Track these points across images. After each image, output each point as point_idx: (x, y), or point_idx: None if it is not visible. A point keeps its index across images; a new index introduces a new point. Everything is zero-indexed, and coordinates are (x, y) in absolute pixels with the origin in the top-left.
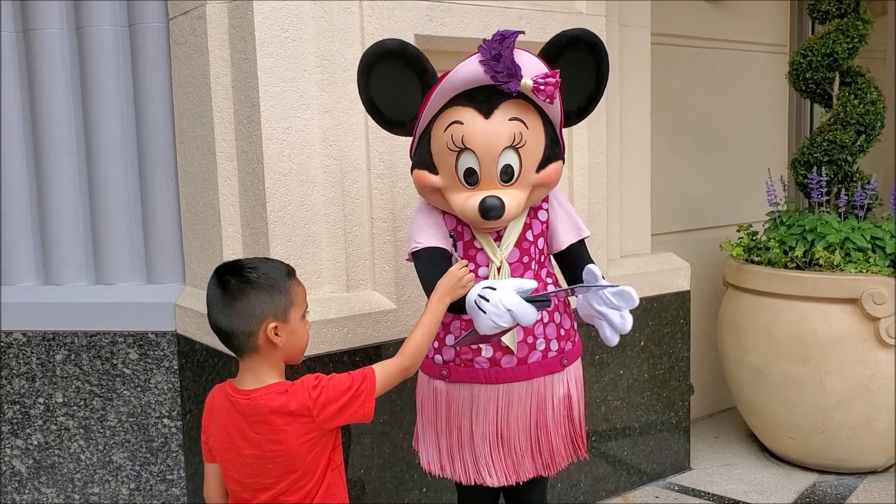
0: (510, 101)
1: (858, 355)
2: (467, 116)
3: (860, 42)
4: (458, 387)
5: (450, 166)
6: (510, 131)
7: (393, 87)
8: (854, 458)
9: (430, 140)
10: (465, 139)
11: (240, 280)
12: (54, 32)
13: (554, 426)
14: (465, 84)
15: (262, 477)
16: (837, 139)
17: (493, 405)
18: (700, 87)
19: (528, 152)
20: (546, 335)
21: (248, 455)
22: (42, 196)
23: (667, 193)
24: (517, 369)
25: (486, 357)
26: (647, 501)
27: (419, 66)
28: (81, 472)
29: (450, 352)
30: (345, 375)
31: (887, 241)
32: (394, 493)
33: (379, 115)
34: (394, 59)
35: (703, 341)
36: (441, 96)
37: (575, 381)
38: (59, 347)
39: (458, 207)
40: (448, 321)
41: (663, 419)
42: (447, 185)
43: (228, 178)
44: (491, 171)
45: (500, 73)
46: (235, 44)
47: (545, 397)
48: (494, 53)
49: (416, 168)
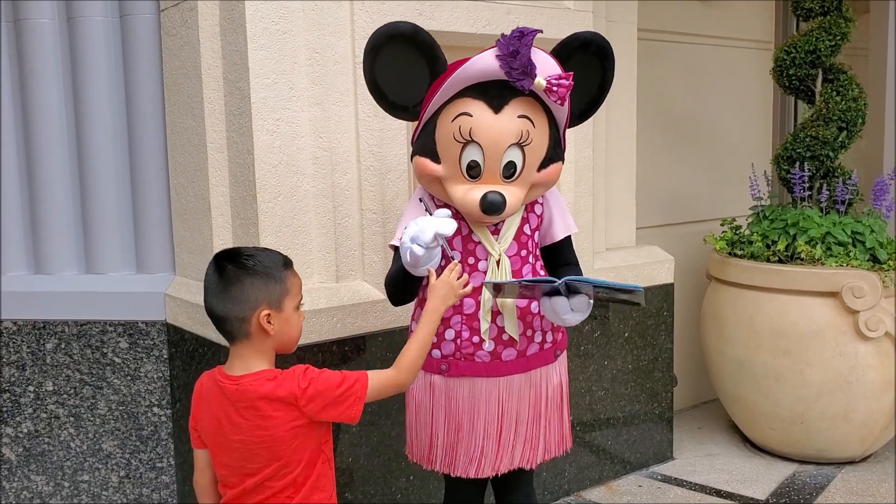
0: (521, 98)
1: (838, 348)
2: (477, 109)
3: (842, 39)
4: (458, 381)
5: (453, 157)
6: (518, 128)
7: (400, 71)
8: (833, 448)
9: (435, 129)
10: (472, 132)
11: (236, 266)
12: (45, 23)
13: (548, 415)
14: (479, 77)
15: (248, 462)
16: (820, 135)
17: (494, 398)
18: (686, 82)
19: (532, 151)
20: (543, 328)
21: (234, 440)
22: (33, 186)
23: (652, 187)
24: (517, 362)
25: (488, 351)
26: (630, 490)
27: (430, 53)
28: (71, 460)
29: (449, 346)
30: (337, 373)
31: (867, 236)
32: (381, 481)
33: (382, 97)
34: (405, 42)
35: (686, 333)
36: (452, 86)
37: (565, 369)
38: (50, 336)
39: (458, 199)
40: (448, 316)
41: (647, 410)
42: (448, 175)
43: (219, 168)
44: (494, 165)
45: (516, 70)
46: (227, 36)
47: (543, 387)
48: (512, 50)
49: (417, 155)
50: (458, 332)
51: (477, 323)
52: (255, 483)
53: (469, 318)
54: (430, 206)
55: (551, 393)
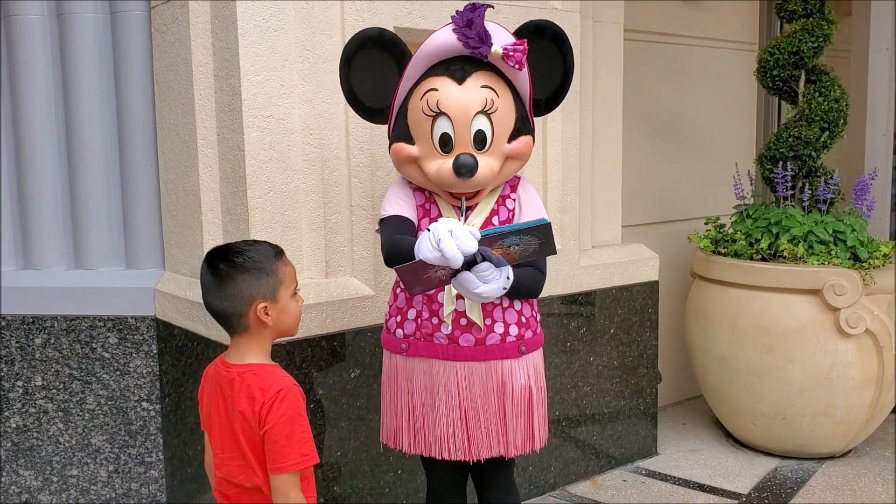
0: (482, 70)
1: (819, 344)
2: (442, 84)
3: (825, 41)
4: (418, 361)
5: (425, 133)
6: (482, 96)
7: (373, 75)
8: (814, 443)
9: (406, 113)
10: (439, 103)
11: (228, 265)
12: (35, 19)
13: (513, 413)
14: (439, 51)
15: (220, 451)
16: (802, 135)
17: (453, 382)
18: (671, 82)
19: (499, 119)
20: (505, 320)
21: (216, 424)
22: (22, 181)
23: (637, 186)
24: (474, 349)
25: (445, 334)
26: (615, 484)
27: (397, 50)
28: (60, 455)
29: (410, 325)
30: (296, 433)
31: (848, 235)
32: (370, 475)
33: (359, 104)
34: (373, 45)
35: (670, 330)
36: (416, 68)
37: (535, 371)
38: (39, 331)
39: (434, 173)
40: (412, 296)
41: (632, 405)
42: (423, 153)
43: (209, 165)
44: (465, 135)
45: (472, 39)
46: (217, 33)
47: (506, 381)
48: (467, 20)
49: (393, 142)
50: (419, 312)
51: (437, 305)
52: (228, 472)
53: (429, 299)
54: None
55: (518, 390)
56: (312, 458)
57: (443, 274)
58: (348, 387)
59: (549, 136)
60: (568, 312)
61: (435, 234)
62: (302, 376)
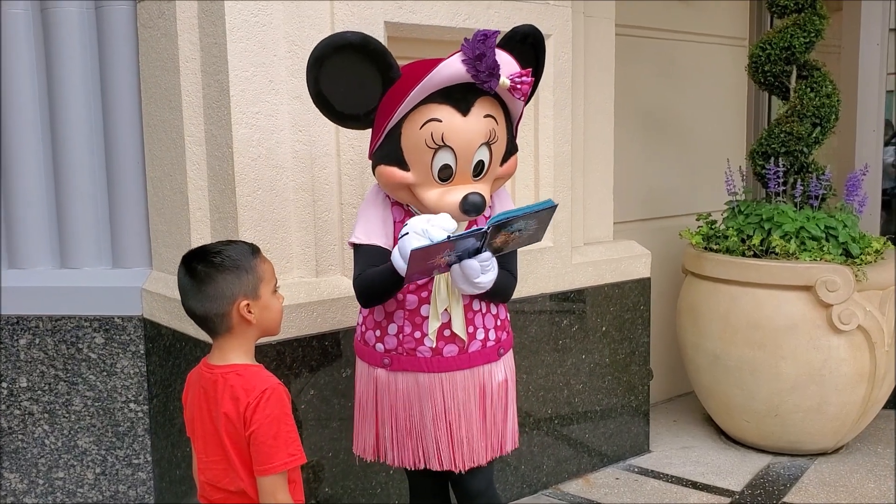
0: (483, 98)
1: (812, 341)
2: (445, 114)
3: (816, 37)
4: (401, 375)
5: (425, 163)
6: (486, 128)
7: (349, 81)
8: (806, 440)
9: (400, 137)
10: (444, 137)
11: (206, 266)
12: (18, 13)
13: (492, 412)
14: (446, 83)
15: (204, 455)
16: (794, 131)
17: (438, 393)
18: (662, 78)
19: (497, 148)
20: (485, 325)
21: (199, 426)
22: (5, 179)
23: (629, 183)
24: (459, 358)
25: (429, 347)
26: (607, 482)
27: (383, 61)
28: (46, 457)
29: (392, 340)
30: (283, 433)
31: (840, 231)
32: (361, 475)
33: (328, 107)
34: (354, 52)
35: (662, 327)
36: (419, 95)
37: (510, 369)
38: (24, 332)
39: (433, 202)
40: (392, 310)
41: (624, 403)
42: (420, 181)
43: (197, 162)
44: (466, 167)
45: (483, 73)
46: (205, 28)
47: (486, 384)
48: (478, 53)
49: (382, 164)
50: (400, 328)
51: (419, 318)
52: (212, 476)
53: (411, 314)
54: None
55: (495, 389)
56: (300, 458)
57: (445, 262)
58: (340, 387)
59: (540, 133)
60: (560, 310)
61: (414, 228)
62: (293, 377)
